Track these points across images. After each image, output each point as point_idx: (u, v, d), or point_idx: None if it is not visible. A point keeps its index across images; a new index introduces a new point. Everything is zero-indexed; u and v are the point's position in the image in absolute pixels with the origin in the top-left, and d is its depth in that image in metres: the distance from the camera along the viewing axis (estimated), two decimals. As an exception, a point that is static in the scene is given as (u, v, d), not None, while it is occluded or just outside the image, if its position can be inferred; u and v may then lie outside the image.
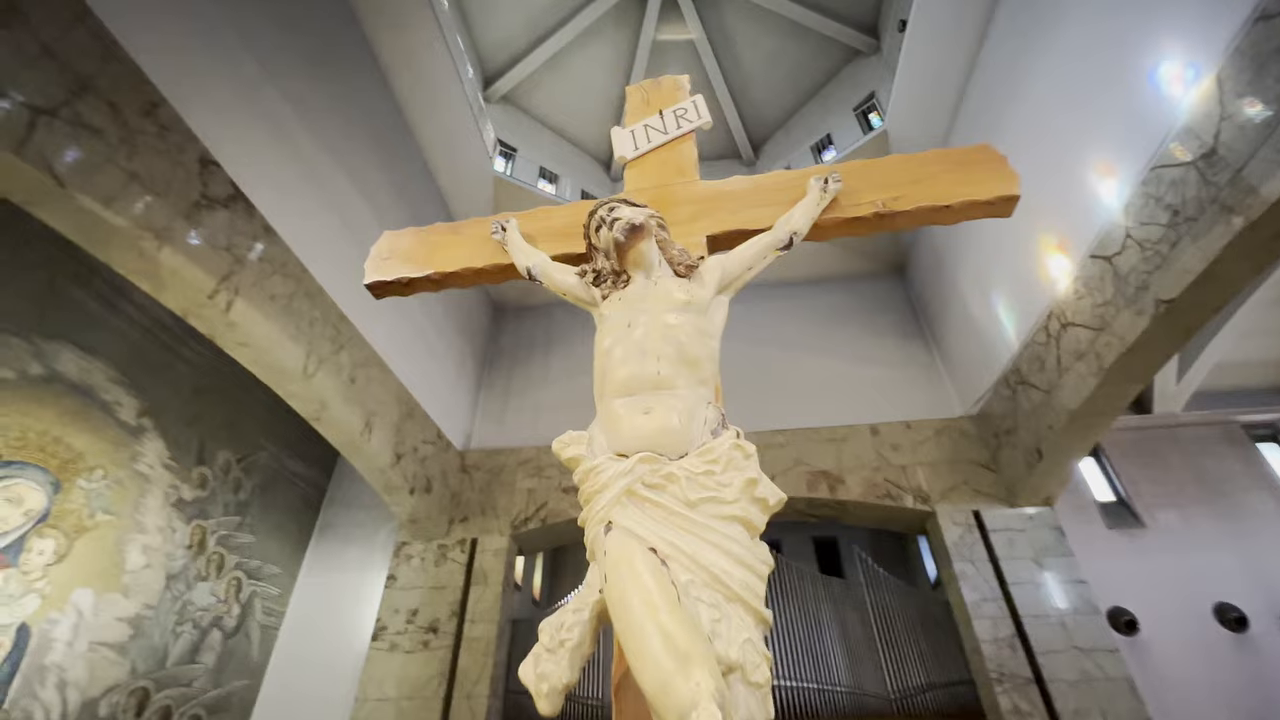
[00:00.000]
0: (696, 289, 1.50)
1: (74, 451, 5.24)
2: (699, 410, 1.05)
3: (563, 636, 0.72)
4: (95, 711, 5.20)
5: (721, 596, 0.71)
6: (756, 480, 0.87)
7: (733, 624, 0.68)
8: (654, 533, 0.79)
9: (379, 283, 2.12)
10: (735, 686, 0.62)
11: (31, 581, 4.84)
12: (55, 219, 3.59)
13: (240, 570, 6.91)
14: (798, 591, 9.01)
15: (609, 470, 0.91)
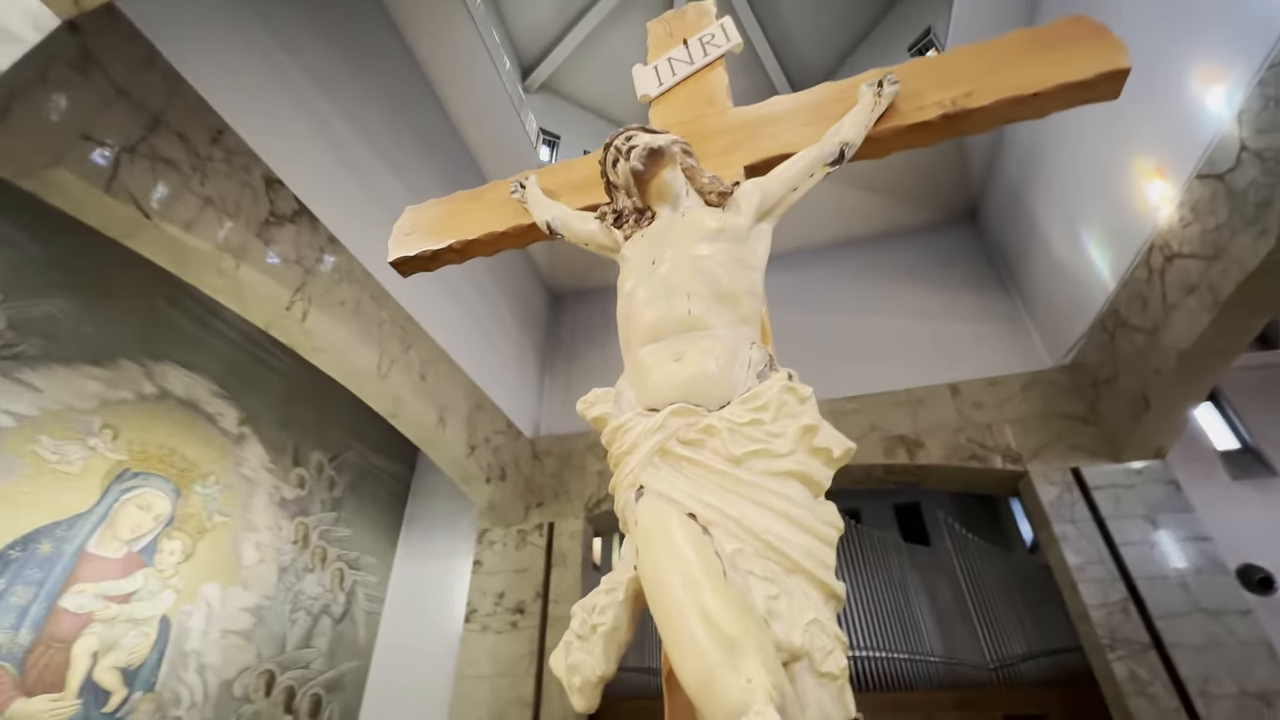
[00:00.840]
0: (731, 216, 1.30)
1: (188, 461, 5.76)
2: (740, 352, 0.90)
3: (595, 621, 0.64)
4: (231, 691, 5.77)
5: (779, 568, 0.60)
6: (815, 427, 0.73)
7: (795, 601, 0.57)
8: (693, 496, 0.68)
9: (403, 259, 2.10)
10: (802, 678, 0.52)
11: (166, 578, 5.39)
12: (146, 248, 3.90)
13: (341, 561, 7.43)
14: (881, 560, 8.75)
15: (638, 427, 0.80)
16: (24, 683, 4.27)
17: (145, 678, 5.07)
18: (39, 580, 4.47)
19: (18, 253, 4.63)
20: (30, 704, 4.28)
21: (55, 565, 4.60)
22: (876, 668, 8.02)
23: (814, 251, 9.10)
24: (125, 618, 4.99)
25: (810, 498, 0.66)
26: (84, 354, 5.01)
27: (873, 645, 8.14)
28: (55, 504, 4.67)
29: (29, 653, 4.33)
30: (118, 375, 5.24)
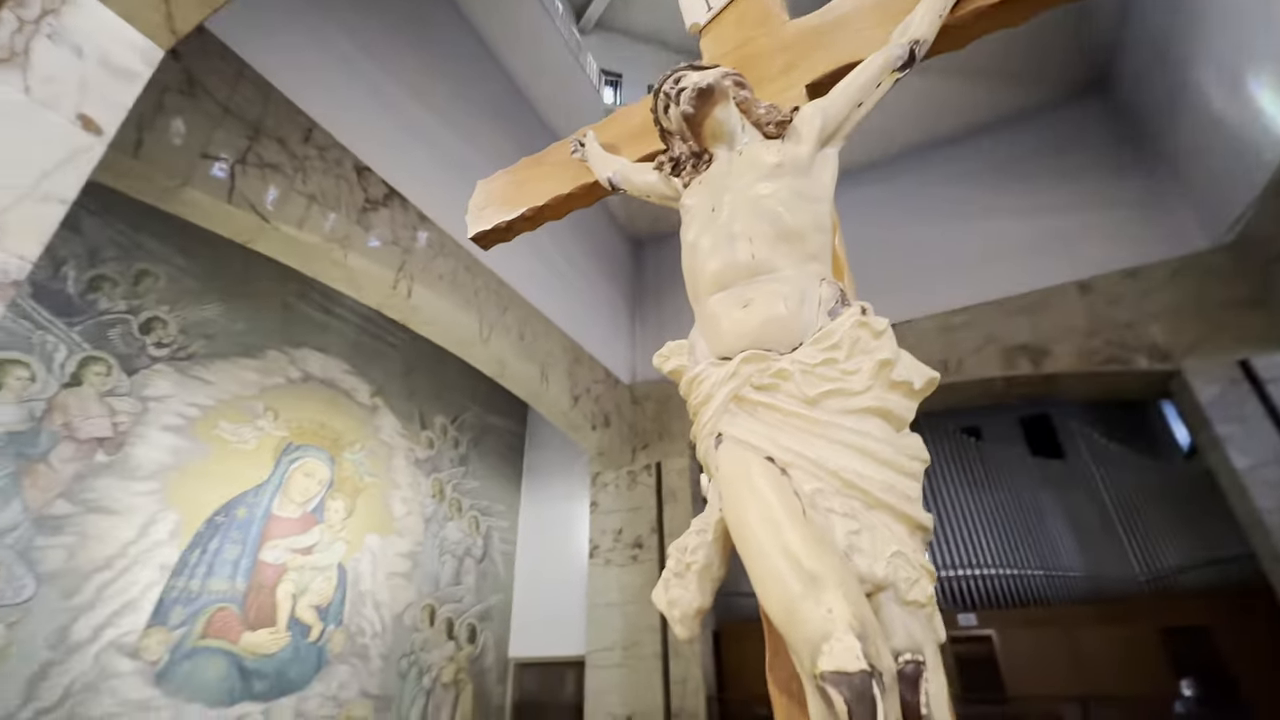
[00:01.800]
0: (791, 147, 1.19)
1: (336, 432, 6.54)
2: (810, 291, 0.86)
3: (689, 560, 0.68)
4: (402, 622, 6.70)
5: (860, 504, 0.61)
6: (892, 361, 0.70)
7: (877, 535, 0.59)
8: (770, 439, 0.68)
9: (480, 233, 2.16)
10: (888, 607, 0.53)
11: (336, 532, 6.27)
12: (269, 249, 4.34)
13: (475, 510, 8.23)
14: (1007, 478, 8.28)
15: (712, 377, 0.81)
16: (247, 619, 5.23)
17: (334, 613, 6.00)
18: (242, 539, 5.37)
19: (174, 268, 5.34)
20: (254, 636, 5.25)
21: (251, 526, 5.49)
22: (1007, 585, 7.74)
23: (905, 155, 8.31)
24: (310, 566, 5.90)
25: (890, 432, 0.64)
26: (239, 349, 5.75)
27: (1002, 563, 7.83)
28: (241, 477, 5.52)
29: (246, 596, 5.27)
30: (268, 364, 5.98)
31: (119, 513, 4.57)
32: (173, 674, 4.62)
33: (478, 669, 7.55)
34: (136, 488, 4.72)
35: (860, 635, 0.42)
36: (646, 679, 6.69)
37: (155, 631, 4.59)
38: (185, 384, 5.23)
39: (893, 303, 7.09)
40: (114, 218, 4.91)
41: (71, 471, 4.37)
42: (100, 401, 4.62)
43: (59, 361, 4.44)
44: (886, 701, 0.37)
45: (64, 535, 4.24)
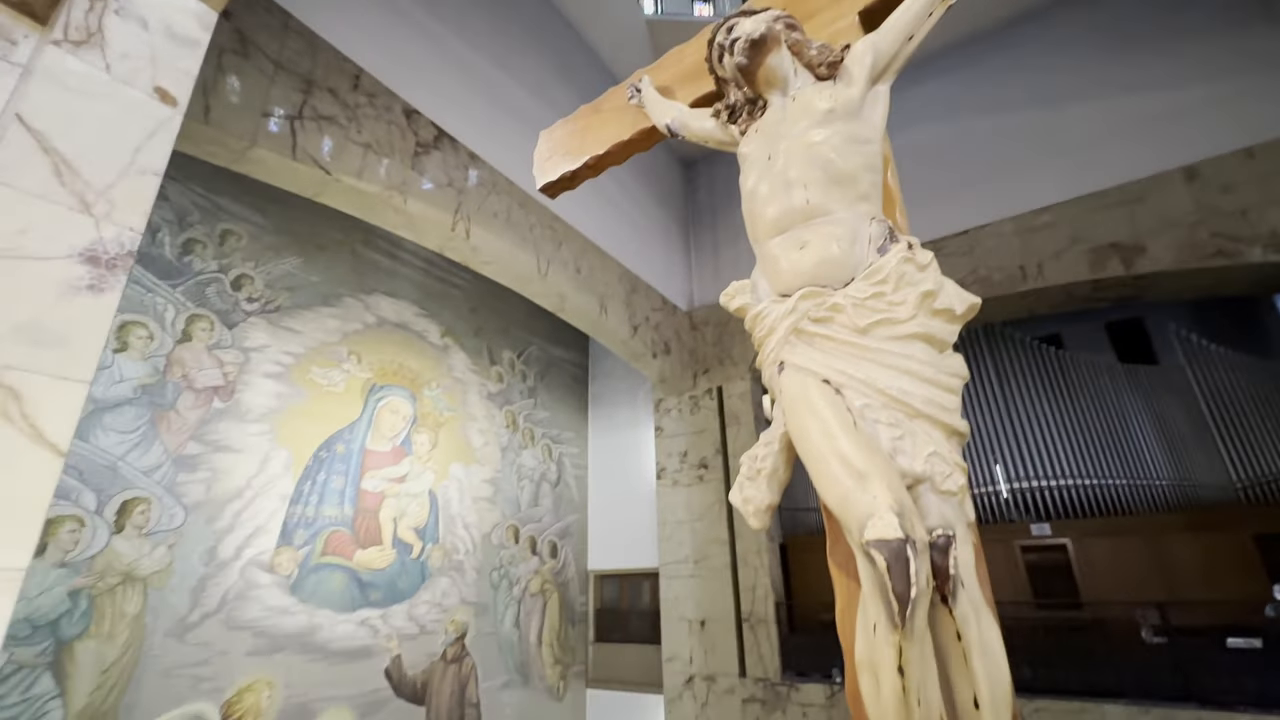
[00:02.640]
0: (843, 89, 1.22)
1: (414, 372, 6.98)
2: (860, 230, 0.91)
3: (758, 466, 0.79)
4: (490, 541, 7.35)
5: (903, 415, 0.70)
6: (934, 292, 0.75)
7: (917, 440, 0.67)
8: (826, 365, 0.77)
9: (548, 184, 2.20)
10: (925, 496, 0.63)
11: (424, 463, 6.83)
12: (333, 200, 4.52)
13: (546, 438, 8.69)
14: (1090, 387, 7.88)
15: (773, 313, 0.89)
16: (357, 539, 5.89)
17: (431, 534, 6.66)
18: (344, 471, 5.96)
19: (252, 226, 5.67)
20: (365, 553, 5.93)
21: (351, 460, 6.06)
22: (1086, 495, 7.54)
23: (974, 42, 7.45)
24: (405, 493, 6.50)
25: (933, 354, 0.70)
26: (318, 298, 6.14)
27: (1081, 474, 7.61)
28: (335, 416, 6.05)
29: (354, 520, 5.92)
30: (346, 311, 6.37)
31: (240, 451, 5.16)
32: (303, 585, 5.34)
33: (561, 580, 8.25)
34: (250, 429, 5.29)
35: (898, 513, 0.50)
36: (718, 587, 7.11)
37: (284, 550, 5.27)
38: (278, 334, 5.68)
39: (967, 206, 6.62)
40: (192, 182, 5.22)
41: (196, 417, 4.93)
42: (209, 354, 5.11)
43: (169, 320, 4.91)
44: (918, 562, 0.45)
45: (199, 472, 4.85)
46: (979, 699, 0.49)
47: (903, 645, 0.47)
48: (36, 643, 3.85)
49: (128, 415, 4.54)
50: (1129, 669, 5.32)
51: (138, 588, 4.36)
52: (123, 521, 4.35)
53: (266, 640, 4.99)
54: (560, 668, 7.83)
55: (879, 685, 0.49)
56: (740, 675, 6.70)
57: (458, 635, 6.64)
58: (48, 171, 1.95)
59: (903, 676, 0.47)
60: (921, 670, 0.48)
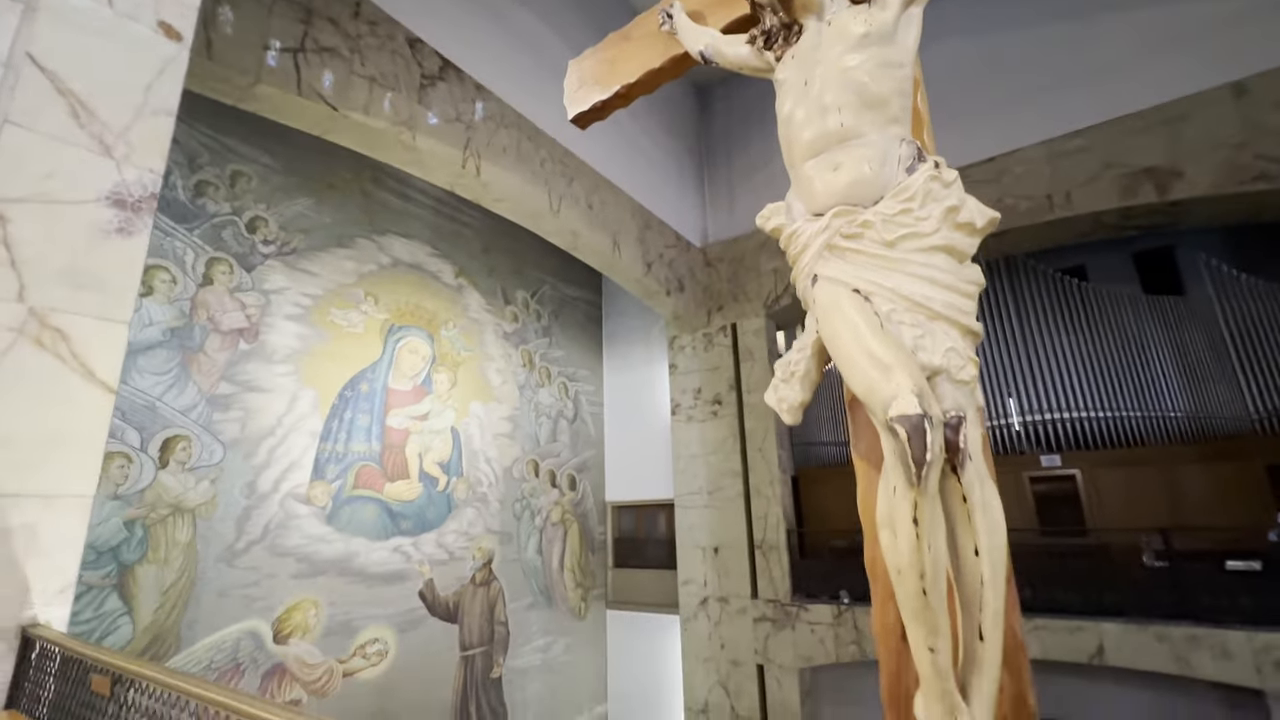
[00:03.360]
0: (877, 13, 1.23)
1: (430, 312, 7.06)
2: (891, 151, 0.96)
3: (792, 369, 0.89)
4: (511, 474, 7.65)
5: (924, 317, 0.79)
6: (957, 207, 0.81)
7: (936, 338, 0.76)
8: (856, 276, 0.86)
9: (579, 115, 2.17)
10: (942, 385, 0.73)
11: (445, 401, 7.02)
12: (342, 137, 4.45)
13: (562, 377, 8.85)
14: (1112, 318, 7.78)
15: (808, 231, 0.96)
16: (386, 473, 6.17)
17: (455, 468, 6.94)
18: (369, 409, 6.17)
19: (261, 167, 5.62)
20: (394, 486, 6.22)
21: (375, 398, 6.25)
22: (1098, 427, 7.59)
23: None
24: (429, 430, 6.73)
25: (954, 264, 0.77)
26: (333, 240, 6.15)
27: (1095, 406, 7.63)
28: (357, 357, 6.19)
29: (381, 455, 6.17)
30: (360, 252, 6.39)
31: (269, 391, 5.35)
32: (338, 516, 5.65)
33: (580, 511, 8.62)
34: (277, 369, 5.45)
35: (918, 395, 0.59)
36: (731, 517, 7.40)
37: (318, 484, 5.55)
38: (295, 276, 5.74)
39: (996, 131, 6.33)
40: (198, 123, 5.14)
41: (224, 359, 5.08)
42: (231, 297, 5.21)
43: (190, 264, 4.98)
44: (934, 433, 0.53)
45: (232, 411, 5.05)
46: (979, 548, 0.60)
47: (918, 501, 0.57)
48: (101, 567, 4.17)
49: (160, 357, 4.69)
50: (1128, 591, 5.54)
51: (187, 518, 4.65)
52: (166, 458, 4.59)
53: (308, 565, 5.34)
54: (581, 590, 8.31)
55: (897, 536, 0.59)
56: (752, 597, 7.08)
57: (485, 561, 7.04)
58: (65, 114, 1.96)
59: (916, 526, 0.57)
60: (932, 523, 0.58)
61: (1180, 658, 4.89)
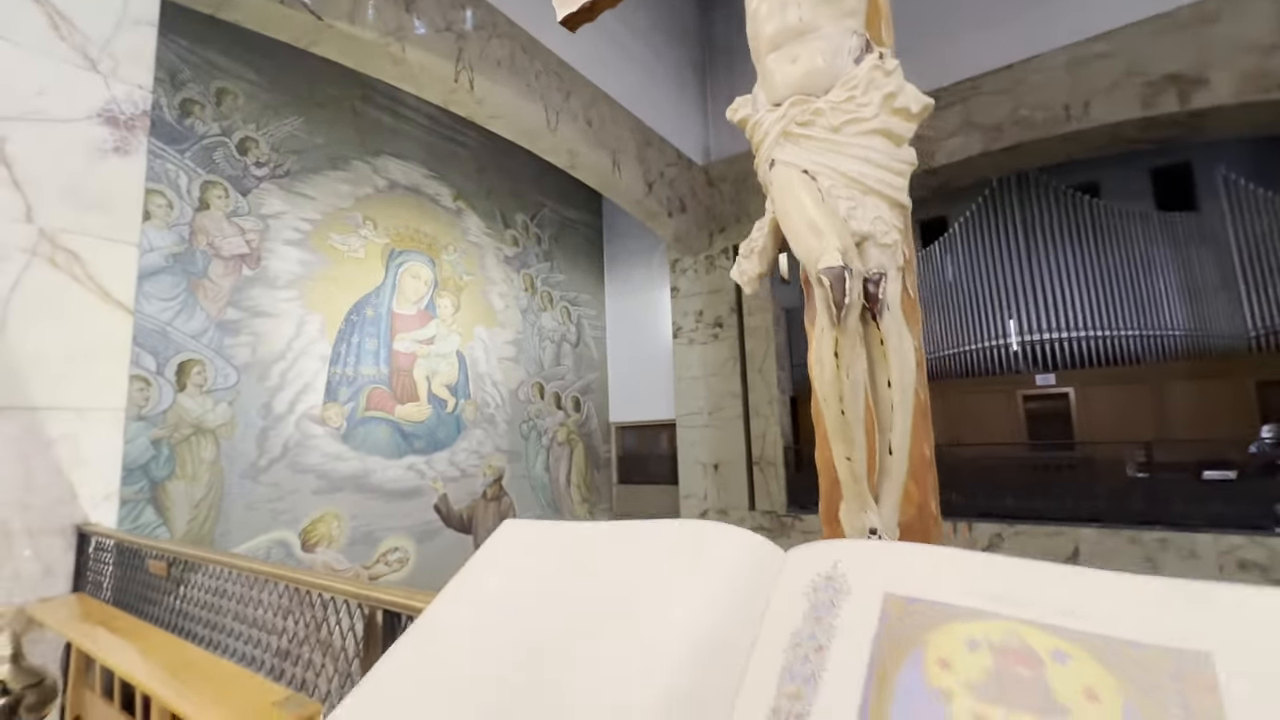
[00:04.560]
0: None
1: (430, 236, 7.00)
2: (843, 43, 1.03)
3: (752, 245, 1.00)
4: (517, 397, 7.86)
5: (858, 191, 0.90)
6: (895, 93, 0.91)
7: (866, 209, 0.88)
8: (806, 158, 0.96)
9: (568, 16, 2.09)
10: (869, 249, 0.85)
11: (450, 326, 7.11)
12: (327, 50, 4.27)
13: (564, 301, 8.88)
14: (1121, 236, 7.69)
15: (767, 120, 1.04)
16: (395, 395, 6.36)
17: (462, 390, 7.13)
18: (376, 334, 6.27)
19: (246, 84, 5.41)
20: (404, 408, 6.43)
21: (380, 322, 6.34)
22: (1095, 346, 7.69)
23: None
24: (435, 354, 6.86)
25: (890, 146, 0.90)
26: (326, 162, 6.01)
27: (1093, 325, 7.69)
28: (360, 281, 6.22)
29: (390, 378, 6.34)
30: (355, 175, 6.26)
31: (276, 316, 5.43)
32: (353, 435, 5.89)
33: (585, 431, 8.91)
34: (281, 295, 5.50)
35: (842, 252, 0.71)
36: (730, 436, 7.66)
37: (332, 406, 5.74)
38: (292, 200, 5.67)
39: (1014, 36, 5.98)
40: (175, 35, 4.91)
41: (229, 284, 5.12)
42: (229, 222, 5.18)
43: (184, 188, 4.92)
44: (853, 282, 0.64)
45: (242, 336, 5.16)
46: (891, 381, 0.73)
47: (838, 338, 0.68)
48: (134, 482, 4.42)
49: (165, 283, 4.74)
50: (1108, 499, 5.82)
51: (209, 438, 4.87)
52: (183, 381, 4.75)
53: (328, 482, 5.63)
54: (588, 505, 8.76)
55: (823, 369, 0.72)
56: (750, 508, 7.46)
57: (495, 478, 7.38)
58: (44, 24, 1.91)
59: (837, 359, 0.69)
60: (850, 357, 0.70)
61: (1149, 558, 5.22)
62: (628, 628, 0.51)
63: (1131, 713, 0.32)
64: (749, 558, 0.55)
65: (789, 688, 0.42)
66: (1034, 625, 0.38)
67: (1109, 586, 0.38)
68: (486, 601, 0.62)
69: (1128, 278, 7.55)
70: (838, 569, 0.50)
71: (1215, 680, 0.32)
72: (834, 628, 0.45)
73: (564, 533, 0.67)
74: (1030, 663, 0.36)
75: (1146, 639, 0.35)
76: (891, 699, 0.38)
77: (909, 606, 0.43)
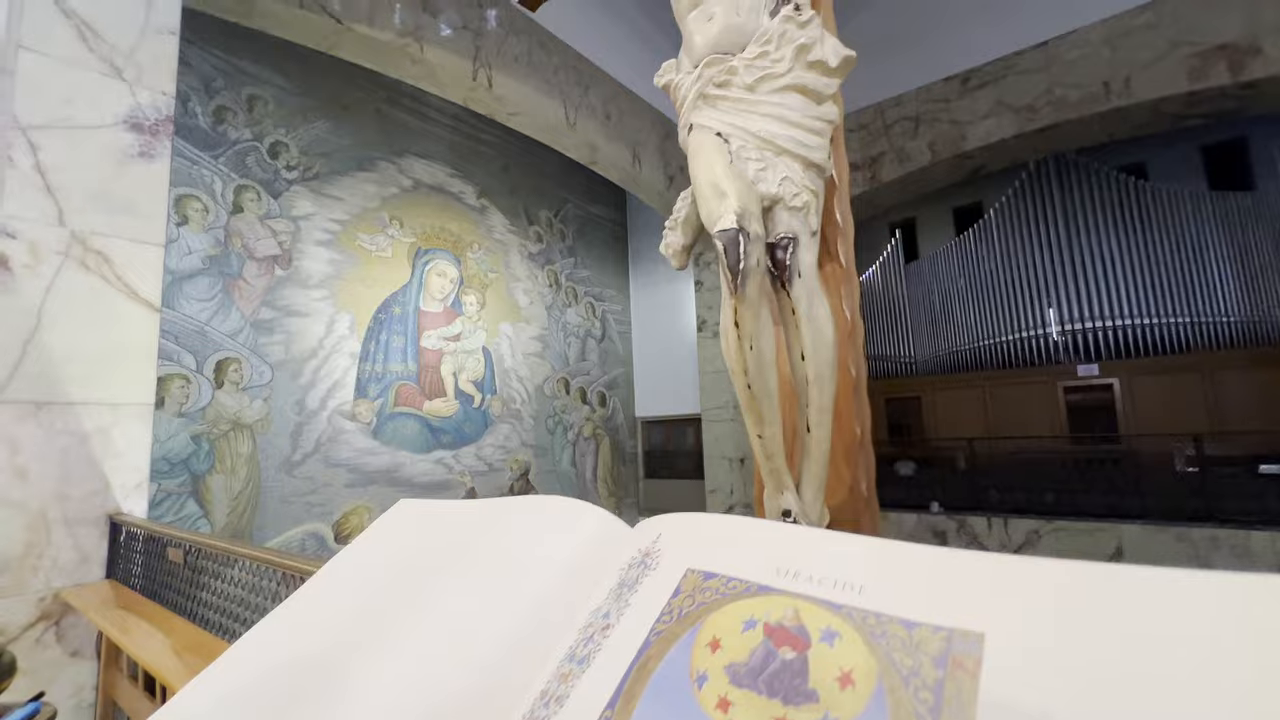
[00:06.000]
0: None
1: (455, 235, 7.10)
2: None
3: (675, 216, 0.97)
4: (542, 392, 7.93)
5: (769, 153, 0.85)
6: (808, 45, 0.84)
7: (776, 170, 0.83)
8: (720, 120, 0.92)
9: None
10: (779, 213, 0.81)
11: (475, 322, 7.20)
12: (349, 52, 4.35)
13: (589, 296, 8.90)
14: (1170, 218, 7.32)
15: (685, 83, 1.00)
16: (424, 391, 6.49)
17: (489, 386, 7.23)
18: (403, 331, 6.40)
19: (276, 89, 5.56)
20: (432, 403, 6.55)
21: (407, 320, 6.47)
22: (1142, 334, 7.34)
23: None
24: (461, 350, 6.97)
25: (807, 103, 0.84)
26: (353, 163, 6.15)
27: (1141, 313, 7.34)
28: (387, 280, 6.35)
29: (419, 375, 6.46)
30: (381, 175, 6.39)
31: (308, 315, 5.59)
32: (383, 430, 6.03)
33: (611, 426, 8.94)
34: (313, 294, 5.66)
35: (738, 214, 0.71)
36: (756, 429, 7.57)
37: (362, 402, 5.89)
38: (321, 202, 5.82)
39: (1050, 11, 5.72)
40: (210, 45, 5.08)
41: (262, 285, 5.30)
42: (262, 224, 5.34)
43: (219, 192, 5.09)
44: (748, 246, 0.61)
45: (276, 335, 5.33)
46: (805, 353, 0.68)
47: (737, 307, 0.64)
48: (176, 476, 4.62)
49: (203, 284, 4.92)
50: (1154, 495, 5.55)
51: (246, 433, 5.05)
52: (221, 378, 4.93)
53: (359, 475, 5.79)
54: (614, 499, 8.79)
55: (727, 341, 0.68)
56: (776, 503, 7.37)
57: (522, 472, 7.47)
58: (72, 35, 1.99)
59: (737, 329, 0.65)
60: (754, 326, 0.66)
61: (1199, 557, 4.96)
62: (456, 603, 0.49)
63: (878, 701, 0.29)
64: (601, 533, 0.53)
65: (565, 668, 0.40)
66: (814, 602, 0.35)
67: (911, 560, 0.35)
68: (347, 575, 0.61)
69: (1178, 262, 7.18)
70: (656, 544, 0.47)
71: (979, 664, 0.28)
72: (628, 605, 0.42)
73: (446, 510, 0.66)
74: (798, 643, 0.33)
75: (923, 618, 0.31)
76: (648, 683, 0.35)
77: (704, 583, 0.40)
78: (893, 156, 6.85)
